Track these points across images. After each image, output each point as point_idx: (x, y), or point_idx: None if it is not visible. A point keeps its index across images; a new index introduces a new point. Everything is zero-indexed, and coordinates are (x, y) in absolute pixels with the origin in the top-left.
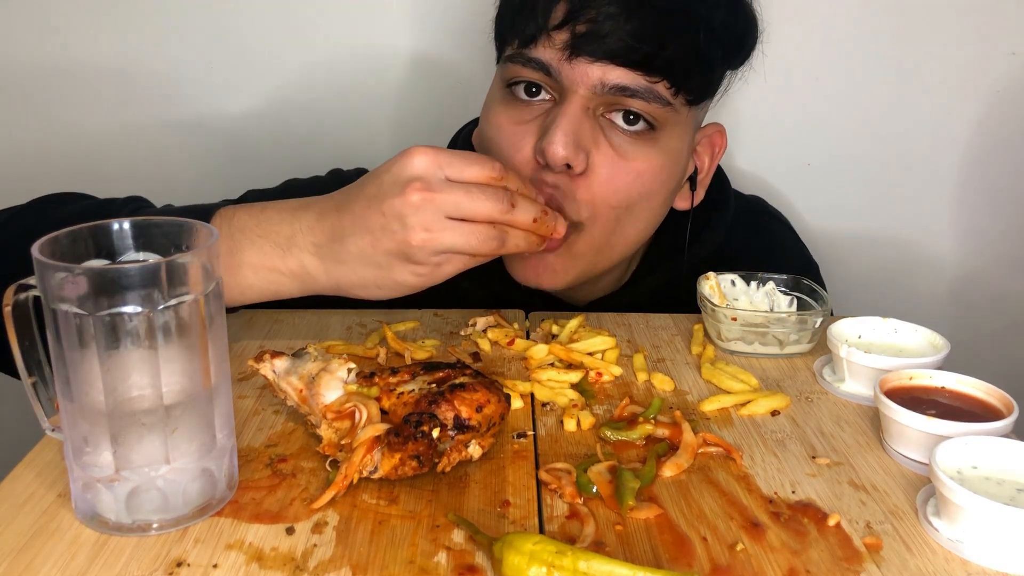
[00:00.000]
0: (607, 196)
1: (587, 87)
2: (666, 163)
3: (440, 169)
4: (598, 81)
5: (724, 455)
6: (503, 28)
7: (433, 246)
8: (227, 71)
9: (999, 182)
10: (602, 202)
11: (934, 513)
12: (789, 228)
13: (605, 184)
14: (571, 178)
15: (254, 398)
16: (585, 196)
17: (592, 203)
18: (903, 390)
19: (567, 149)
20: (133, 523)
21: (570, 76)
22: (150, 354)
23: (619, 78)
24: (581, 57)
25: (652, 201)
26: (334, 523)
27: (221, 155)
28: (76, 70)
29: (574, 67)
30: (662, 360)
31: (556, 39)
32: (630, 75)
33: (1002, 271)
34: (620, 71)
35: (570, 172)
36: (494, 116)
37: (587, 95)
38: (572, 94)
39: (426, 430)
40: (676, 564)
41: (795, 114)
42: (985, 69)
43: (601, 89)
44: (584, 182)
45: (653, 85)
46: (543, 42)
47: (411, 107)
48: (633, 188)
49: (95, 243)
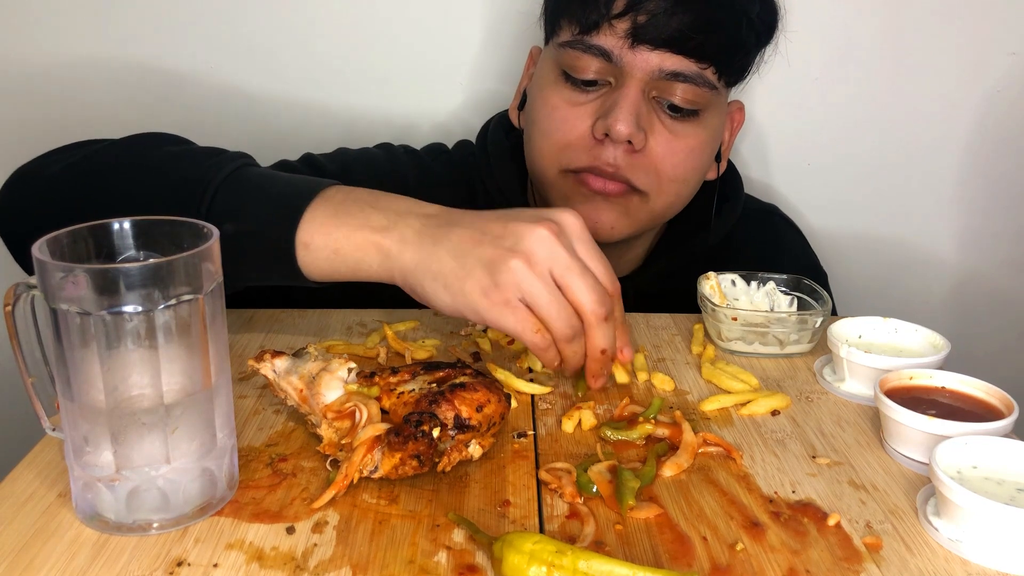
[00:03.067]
0: (666, 170)
1: (646, 72)
2: (709, 138)
3: (579, 236)
4: (656, 67)
5: (724, 455)
6: (558, 12)
7: (522, 283)
8: (228, 71)
9: (999, 182)
10: (665, 176)
11: (934, 513)
12: (799, 233)
13: (662, 160)
14: (629, 154)
15: (254, 398)
16: (650, 169)
17: (656, 175)
18: (903, 390)
19: (630, 127)
20: (133, 523)
21: (631, 62)
22: (150, 353)
23: (675, 64)
24: (642, 45)
25: (699, 172)
26: (334, 523)
27: None
28: (76, 69)
29: (636, 54)
30: (662, 360)
31: (618, 27)
32: (684, 62)
33: (1002, 271)
34: (676, 58)
35: (628, 148)
36: (549, 97)
37: (645, 79)
38: (631, 78)
39: (426, 430)
40: (676, 564)
41: (795, 114)
42: (985, 69)
43: (659, 74)
44: (643, 158)
45: (703, 71)
46: (605, 30)
47: (414, 107)
48: (689, 162)
49: (95, 242)
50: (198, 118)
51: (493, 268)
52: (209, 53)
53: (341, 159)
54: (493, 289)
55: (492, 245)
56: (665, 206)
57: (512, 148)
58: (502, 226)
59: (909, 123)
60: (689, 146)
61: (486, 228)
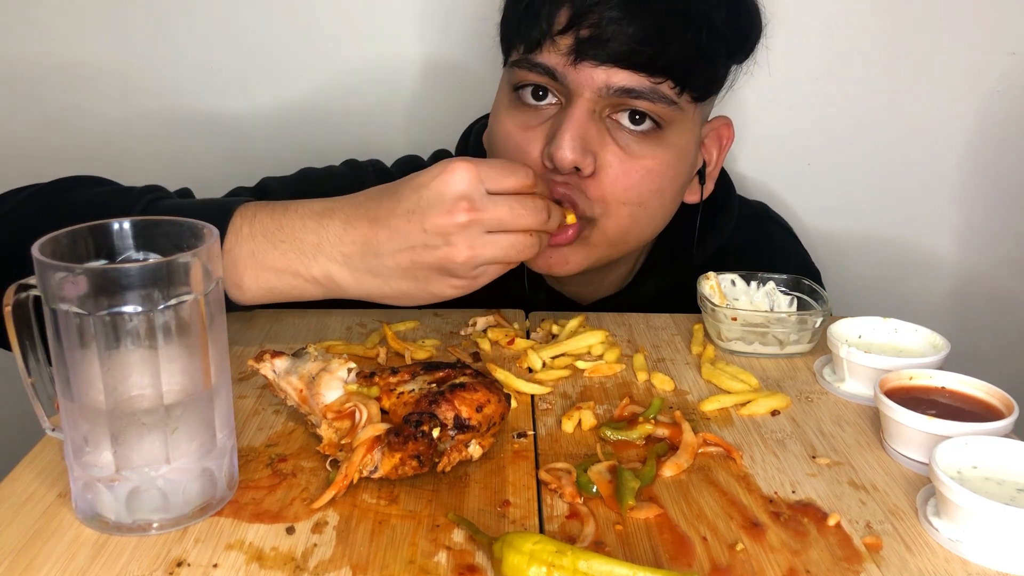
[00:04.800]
0: (617, 194)
1: (592, 90)
2: (674, 159)
3: (481, 183)
4: (603, 84)
5: (724, 455)
6: (508, 33)
7: (476, 261)
8: (229, 70)
9: (999, 182)
10: (613, 199)
11: (934, 513)
12: (791, 234)
13: (615, 183)
14: (581, 179)
15: (254, 398)
16: (596, 194)
17: (603, 200)
18: (903, 390)
19: (574, 153)
20: (133, 523)
21: (575, 80)
22: (150, 354)
23: (623, 80)
24: (585, 61)
25: (663, 196)
26: (334, 523)
27: (223, 155)
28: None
29: (579, 71)
30: (662, 360)
31: (561, 44)
32: (634, 77)
33: (1002, 271)
34: (624, 73)
35: (579, 174)
36: (502, 122)
37: (593, 98)
38: (578, 97)
39: (426, 430)
40: (676, 564)
41: (795, 114)
42: (985, 69)
43: (606, 92)
44: (594, 182)
45: (657, 85)
46: (548, 47)
47: (416, 106)
48: (643, 185)
49: (95, 243)
50: (197, 118)
51: (445, 269)
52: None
53: (296, 184)
54: (458, 280)
55: (428, 254)
56: (619, 230)
57: None
58: (421, 230)
59: (909, 123)
60: (646, 167)
61: (409, 240)
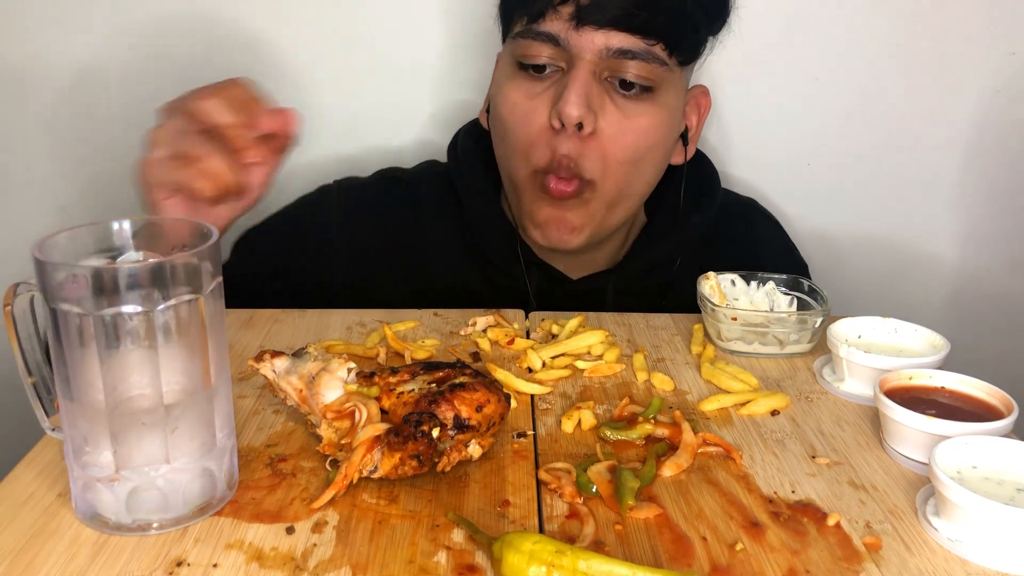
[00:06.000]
0: (616, 152)
1: (593, 52)
2: (665, 118)
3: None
4: (603, 46)
5: (724, 455)
6: (510, 8)
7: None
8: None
9: (999, 182)
10: (613, 159)
11: (934, 513)
12: (779, 226)
13: (612, 142)
14: (582, 140)
15: (254, 398)
16: (597, 154)
17: (604, 159)
18: (903, 390)
19: (579, 109)
20: (133, 523)
21: (578, 44)
22: (150, 354)
23: (621, 42)
24: (587, 26)
25: (656, 154)
26: (334, 523)
27: None
28: (77, 69)
29: (581, 35)
30: (662, 360)
31: (563, 12)
32: (631, 39)
33: (1002, 271)
34: (622, 36)
35: (581, 134)
36: (507, 93)
37: (594, 60)
38: (580, 60)
39: (426, 430)
40: (676, 564)
41: (795, 114)
42: (985, 69)
43: (606, 53)
44: (595, 142)
45: (651, 47)
46: (550, 16)
47: (416, 106)
48: (640, 143)
49: (95, 243)
50: None
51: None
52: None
53: (246, 247)
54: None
55: None
56: (615, 190)
57: (483, 153)
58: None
59: (909, 123)
60: (641, 126)
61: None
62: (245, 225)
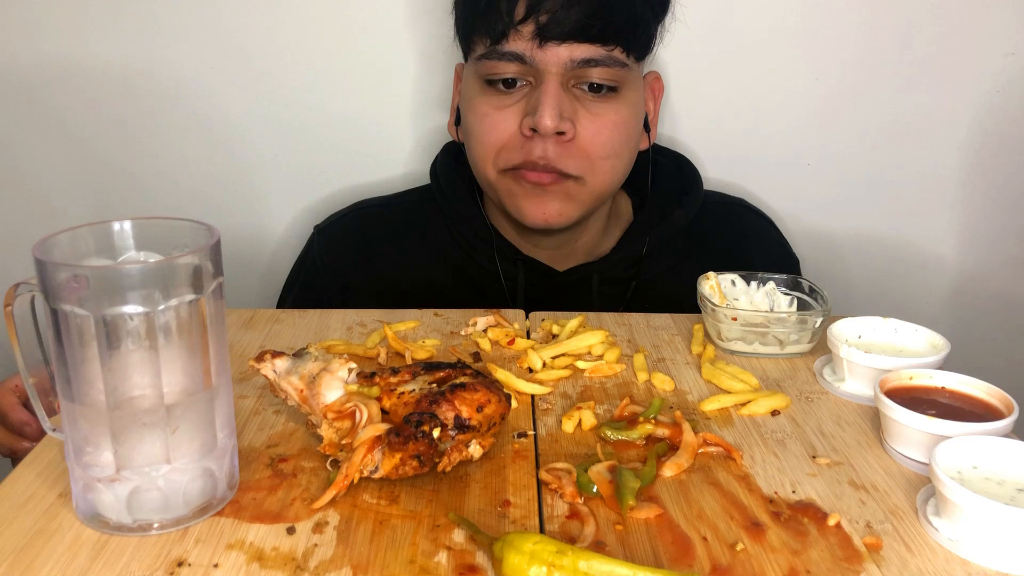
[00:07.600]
0: (596, 150)
1: (559, 65)
2: (632, 112)
3: None
4: (567, 59)
5: (724, 455)
6: (468, 31)
7: None
8: (229, 71)
9: (999, 182)
10: (595, 156)
11: (934, 513)
12: (768, 221)
13: (592, 141)
14: (561, 144)
15: (255, 398)
16: (581, 154)
17: (588, 158)
18: (903, 390)
19: (554, 120)
20: (134, 523)
21: (543, 59)
22: (151, 354)
23: (584, 52)
24: (550, 42)
25: (631, 144)
26: (335, 523)
27: (224, 155)
28: (77, 69)
29: (545, 51)
30: (662, 360)
31: (523, 31)
32: (592, 48)
33: (1002, 271)
34: (583, 47)
35: (559, 139)
36: (478, 106)
37: (560, 72)
38: (548, 74)
39: (427, 430)
40: (676, 564)
41: (795, 114)
42: (985, 69)
43: (571, 65)
44: (574, 144)
45: (611, 52)
46: (512, 36)
47: (414, 105)
48: (616, 138)
49: (95, 243)
50: (199, 119)
51: None
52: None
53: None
54: None
55: None
56: (603, 184)
57: (463, 169)
58: None
59: (909, 123)
60: (613, 123)
61: None
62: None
